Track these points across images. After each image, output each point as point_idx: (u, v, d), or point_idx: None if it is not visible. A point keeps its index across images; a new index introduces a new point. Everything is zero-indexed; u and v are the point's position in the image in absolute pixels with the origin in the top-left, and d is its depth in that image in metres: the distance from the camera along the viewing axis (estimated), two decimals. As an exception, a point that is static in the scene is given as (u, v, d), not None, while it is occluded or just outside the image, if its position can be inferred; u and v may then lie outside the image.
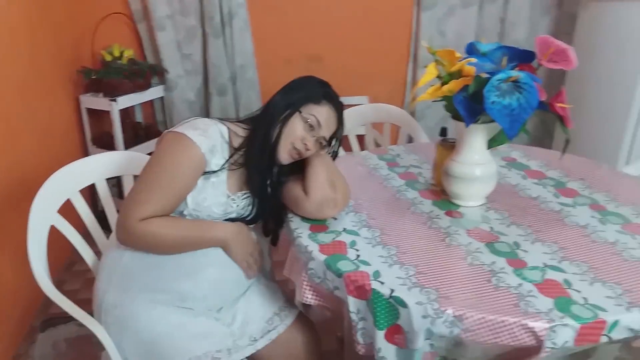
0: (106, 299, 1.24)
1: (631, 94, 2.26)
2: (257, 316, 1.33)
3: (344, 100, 1.39)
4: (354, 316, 1.05)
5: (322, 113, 1.28)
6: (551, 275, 1.05)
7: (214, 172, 1.24)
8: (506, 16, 3.04)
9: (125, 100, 2.71)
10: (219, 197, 1.25)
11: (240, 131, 1.31)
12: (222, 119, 1.32)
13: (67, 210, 1.41)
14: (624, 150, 2.34)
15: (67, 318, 2.09)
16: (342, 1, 3.02)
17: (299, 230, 1.24)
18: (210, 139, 1.22)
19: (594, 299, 0.97)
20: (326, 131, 1.30)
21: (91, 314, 1.25)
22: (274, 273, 1.49)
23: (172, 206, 1.21)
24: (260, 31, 2.99)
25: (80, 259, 1.41)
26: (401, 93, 3.25)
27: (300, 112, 1.27)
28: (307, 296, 1.15)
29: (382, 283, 1.02)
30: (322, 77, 1.38)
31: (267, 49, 3.04)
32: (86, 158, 1.49)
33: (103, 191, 1.50)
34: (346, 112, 1.98)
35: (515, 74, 1.08)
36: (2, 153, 1.90)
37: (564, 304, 0.95)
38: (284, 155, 1.28)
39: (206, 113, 3.11)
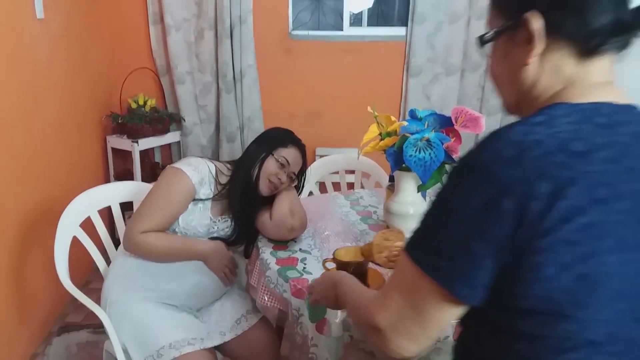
0: (110, 295, 1.57)
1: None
2: (228, 317, 1.64)
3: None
4: (295, 312, 1.37)
5: (290, 154, 1.64)
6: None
7: (202, 200, 1.60)
8: (486, 84, 3.40)
9: (146, 143, 3.13)
10: (203, 219, 1.60)
11: (225, 170, 1.67)
12: (211, 159, 1.69)
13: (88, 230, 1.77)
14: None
15: (80, 326, 2.43)
16: (340, 65, 3.40)
17: (264, 248, 1.58)
18: (200, 173, 1.59)
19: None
20: (295, 167, 1.66)
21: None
22: (248, 286, 1.82)
23: (167, 224, 1.56)
24: (268, 88, 3.40)
25: (96, 278, 1.73)
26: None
27: (272, 154, 1.63)
28: (264, 298, 1.47)
29: (316, 287, 1.34)
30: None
31: (273, 104, 3.44)
32: (105, 185, 1.86)
33: (117, 212, 1.87)
34: (322, 160, 2.36)
35: (427, 134, 1.43)
36: (41, 180, 2.30)
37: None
38: (264, 189, 1.63)
39: (216, 157, 3.49)
